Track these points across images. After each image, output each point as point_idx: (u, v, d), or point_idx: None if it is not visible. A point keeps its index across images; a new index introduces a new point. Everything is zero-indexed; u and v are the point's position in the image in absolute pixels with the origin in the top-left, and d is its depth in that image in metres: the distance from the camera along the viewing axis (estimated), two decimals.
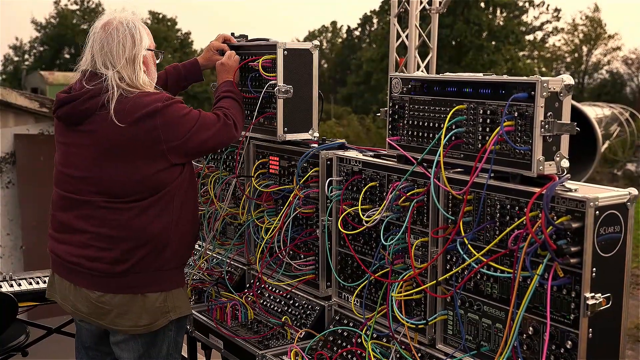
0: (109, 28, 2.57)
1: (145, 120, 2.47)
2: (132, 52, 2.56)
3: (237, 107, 2.87)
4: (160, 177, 2.54)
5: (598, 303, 1.87)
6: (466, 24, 31.16)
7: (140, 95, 2.51)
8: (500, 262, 2.08)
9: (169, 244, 2.58)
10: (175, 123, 2.52)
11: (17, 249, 7.87)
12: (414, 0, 8.28)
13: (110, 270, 2.52)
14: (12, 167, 7.86)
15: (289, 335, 2.80)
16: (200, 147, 2.63)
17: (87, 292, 2.57)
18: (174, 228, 2.59)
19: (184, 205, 2.64)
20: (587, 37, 40.52)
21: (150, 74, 2.68)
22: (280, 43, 2.92)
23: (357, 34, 43.20)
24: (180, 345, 2.77)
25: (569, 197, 1.90)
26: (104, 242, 2.53)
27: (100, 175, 2.52)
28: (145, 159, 2.50)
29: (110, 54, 2.54)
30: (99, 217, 2.53)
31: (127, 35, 2.57)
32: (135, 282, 2.54)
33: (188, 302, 2.73)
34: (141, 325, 2.57)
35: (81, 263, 2.56)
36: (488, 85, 2.13)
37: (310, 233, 2.90)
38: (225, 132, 2.70)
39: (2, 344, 3.60)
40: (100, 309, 2.57)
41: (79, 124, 2.55)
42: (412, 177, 2.38)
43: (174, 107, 2.54)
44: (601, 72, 40.94)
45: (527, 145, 2.01)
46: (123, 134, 2.46)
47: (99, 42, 2.56)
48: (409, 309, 2.44)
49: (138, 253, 2.52)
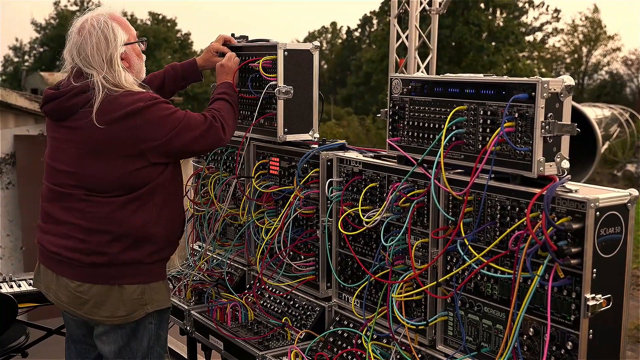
0: (82, 32, 2.59)
1: (126, 120, 2.50)
2: (107, 54, 2.58)
3: (229, 109, 2.84)
4: (140, 175, 2.57)
5: (599, 304, 1.87)
6: (466, 24, 31.17)
7: (123, 94, 2.54)
8: (501, 263, 2.08)
9: (148, 239, 2.62)
10: (157, 123, 2.53)
11: (17, 250, 7.88)
12: (414, 1, 8.28)
13: (89, 261, 2.58)
14: (12, 168, 7.86)
15: (289, 336, 2.79)
16: (182, 149, 2.62)
17: (67, 281, 2.63)
18: (154, 224, 2.62)
19: (166, 202, 2.66)
20: (586, 38, 40.54)
21: (133, 68, 2.69)
22: (280, 44, 2.92)
23: (357, 35, 43.22)
24: (162, 339, 2.79)
25: (569, 198, 1.89)
26: (84, 234, 2.58)
27: (83, 171, 2.58)
28: (125, 158, 2.53)
29: (88, 59, 2.57)
30: (79, 210, 2.59)
31: (100, 36, 2.58)
32: (112, 274, 2.59)
33: (167, 295, 2.75)
34: (118, 316, 2.61)
35: (62, 253, 2.62)
36: (488, 86, 2.13)
37: (311, 234, 2.90)
38: (211, 134, 2.67)
39: (2, 344, 3.60)
40: (78, 299, 2.62)
41: (65, 120, 2.60)
42: (413, 178, 2.38)
43: (157, 107, 2.55)
44: (601, 73, 40.97)
45: (528, 146, 2.01)
46: (104, 133, 2.50)
47: (75, 47, 2.60)
48: (409, 310, 2.44)
49: (116, 246, 2.57)
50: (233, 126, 2.84)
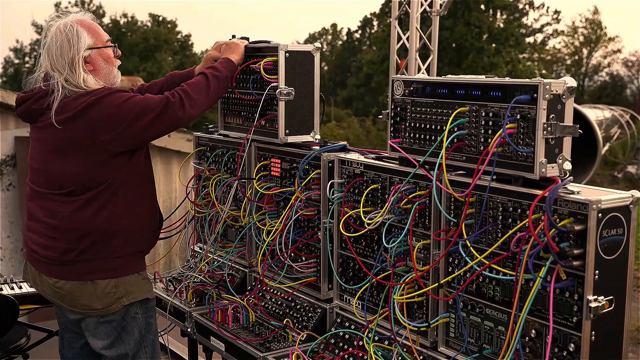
0: (51, 35, 2.67)
1: (83, 114, 2.57)
2: (69, 56, 2.63)
3: (202, 83, 2.78)
4: (104, 167, 2.62)
5: (601, 306, 1.87)
6: (466, 26, 31.16)
7: (82, 93, 2.62)
8: (503, 264, 2.08)
9: (116, 234, 2.68)
10: (112, 113, 2.57)
11: (18, 252, 7.87)
12: (414, 2, 8.28)
13: (60, 259, 2.67)
14: (12, 170, 7.86)
15: (291, 338, 2.79)
16: (140, 134, 2.62)
17: (46, 278, 2.74)
18: (121, 219, 2.68)
19: (133, 197, 2.71)
20: (587, 39, 40.54)
21: (99, 72, 2.70)
22: (282, 45, 2.92)
23: (357, 37, 43.22)
24: (153, 327, 2.85)
25: (571, 200, 1.89)
26: (53, 232, 2.68)
27: (51, 168, 2.67)
28: (87, 151, 2.60)
29: (53, 60, 2.65)
30: (48, 209, 2.70)
31: (64, 39, 2.65)
32: (83, 270, 2.67)
33: (143, 287, 2.78)
34: (95, 308, 2.69)
35: (38, 251, 2.73)
36: (490, 87, 2.12)
37: (312, 235, 2.90)
38: (167, 113, 2.61)
39: (3, 346, 3.60)
40: (58, 294, 2.73)
41: (35, 122, 2.71)
42: (414, 180, 2.38)
43: (111, 96, 2.59)
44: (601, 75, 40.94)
45: (530, 147, 2.00)
46: (65, 132, 2.59)
47: (45, 49, 2.68)
48: (411, 311, 2.44)
49: (83, 242, 2.65)
50: (201, 101, 2.74)
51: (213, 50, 3.11)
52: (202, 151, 3.55)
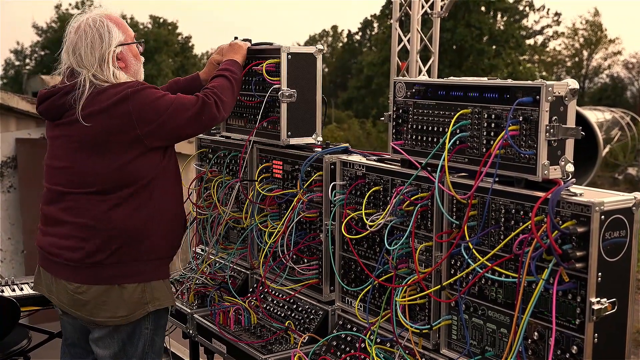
0: (79, 31, 2.62)
1: (116, 107, 2.51)
2: (101, 52, 2.59)
3: (226, 85, 2.80)
4: (138, 164, 2.57)
5: (604, 308, 1.87)
6: (467, 28, 31.18)
7: (111, 86, 2.57)
8: (505, 266, 2.08)
9: (148, 237, 2.62)
10: (149, 106, 2.54)
11: (19, 253, 7.87)
12: (415, 4, 8.28)
13: (88, 261, 2.58)
14: (13, 172, 7.86)
15: (292, 340, 2.79)
16: (178, 130, 2.62)
17: (65, 283, 2.63)
18: (153, 221, 2.62)
19: (165, 198, 2.67)
20: (587, 41, 40.55)
21: (129, 69, 2.70)
22: (284, 47, 2.92)
23: (358, 38, 43.25)
24: (158, 346, 2.78)
25: (574, 202, 1.89)
26: (83, 233, 2.58)
27: (79, 166, 2.59)
28: (121, 147, 2.54)
29: (81, 58, 2.60)
30: (78, 208, 2.60)
31: (95, 35, 2.60)
32: (111, 273, 2.59)
33: (169, 294, 2.74)
34: (119, 316, 2.61)
35: (62, 254, 2.62)
36: (493, 89, 2.12)
37: (314, 237, 2.90)
38: (205, 113, 2.64)
39: (4, 348, 3.59)
40: (78, 301, 2.62)
41: (59, 118, 2.63)
42: (416, 182, 2.38)
43: (146, 91, 2.56)
44: (602, 77, 40.96)
45: (532, 149, 2.00)
46: (95, 126, 2.53)
47: (71, 46, 2.62)
48: (413, 313, 2.44)
49: (115, 244, 2.57)
50: (230, 102, 2.80)
51: (216, 54, 3.11)
52: (204, 153, 3.55)
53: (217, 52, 3.12)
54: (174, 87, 3.10)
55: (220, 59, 3.06)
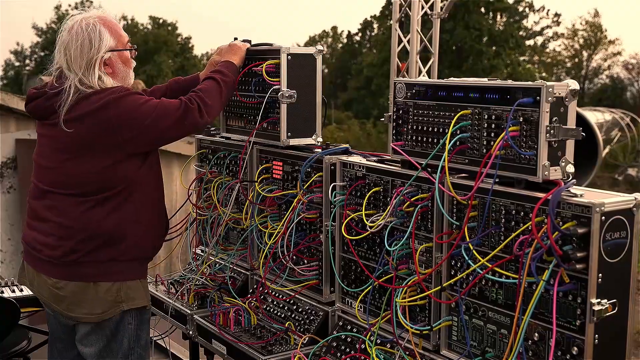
0: (71, 32, 2.62)
1: (99, 112, 2.54)
2: (89, 56, 2.60)
3: (213, 88, 2.78)
4: (118, 169, 2.60)
5: (604, 309, 1.87)
6: (466, 29, 31.20)
7: (94, 92, 2.57)
8: (506, 267, 2.07)
9: (124, 238, 2.65)
10: (131, 113, 2.55)
11: (18, 254, 7.87)
12: (415, 5, 8.28)
13: (65, 259, 2.63)
14: (13, 172, 7.87)
15: (293, 341, 2.79)
16: (160, 136, 2.64)
17: (45, 278, 2.69)
18: (130, 223, 2.66)
19: (144, 202, 2.70)
20: (587, 42, 40.57)
21: (116, 75, 2.69)
22: (284, 48, 2.92)
23: (358, 39, 43.26)
24: (143, 340, 2.79)
25: (574, 203, 1.89)
26: (62, 232, 2.64)
27: (61, 167, 2.63)
28: (102, 152, 2.57)
29: (71, 59, 2.61)
30: (59, 208, 2.65)
31: (85, 39, 2.60)
32: (87, 271, 2.64)
33: (145, 294, 2.77)
34: (95, 313, 2.65)
35: (43, 250, 2.68)
36: (493, 90, 2.12)
37: (314, 238, 2.89)
38: (187, 117, 2.63)
39: (4, 349, 3.59)
40: (57, 295, 2.68)
41: (46, 119, 2.66)
42: (417, 182, 2.37)
43: (129, 97, 2.57)
44: (601, 77, 40.98)
45: (533, 150, 2.00)
46: (79, 131, 2.55)
47: (63, 45, 2.64)
48: (413, 314, 2.44)
49: (90, 244, 2.62)
50: (216, 106, 2.77)
51: (216, 55, 3.10)
52: (203, 154, 3.55)
53: (217, 52, 3.12)
54: (174, 86, 3.10)
55: (220, 60, 3.06)
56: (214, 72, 2.89)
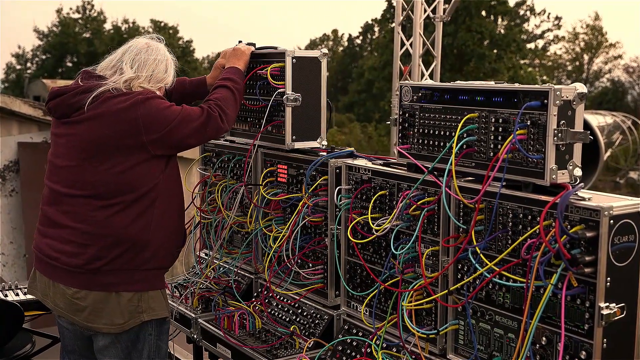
0: (151, 45, 2.76)
1: (125, 112, 2.55)
2: (155, 75, 2.72)
3: (229, 96, 2.84)
4: (140, 171, 2.58)
5: (613, 313, 1.86)
6: (468, 32, 31.18)
7: (121, 93, 2.60)
8: (513, 271, 2.07)
9: (148, 246, 2.62)
10: (156, 115, 2.57)
11: (21, 258, 7.86)
12: (417, 8, 8.28)
13: (86, 267, 2.57)
14: (15, 175, 7.85)
15: (298, 345, 2.78)
16: (183, 141, 2.66)
17: (64, 288, 2.63)
18: (154, 230, 2.62)
19: (167, 208, 2.68)
20: (588, 45, 40.58)
21: None
22: (289, 51, 2.92)
23: (359, 42, 43.27)
24: (163, 351, 2.78)
25: (582, 206, 1.88)
26: (83, 238, 2.58)
27: (81, 166, 2.60)
28: (125, 152, 2.56)
29: (142, 64, 2.70)
30: (79, 213, 2.60)
31: (164, 63, 2.76)
32: (109, 280, 2.59)
33: (165, 305, 2.74)
34: (116, 323, 2.60)
35: (60, 258, 2.61)
36: (500, 93, 2.12)
37: (319, 242, 2.89)
38: (210, 125, 2.70)
39: (8, 353, 3.58)
40: (75, 305, 2.62)
41: (67, 117, 2.64)
42: (423, 186, 2.37)
43: (155, 100, 2.60)
44: (602, 81, 40.97)
45: (540, 153, 2.00)
46: (103, 129, 2.55)
47: (135, 49, 2.73)
48: (420, 318, 2.43)
49: (114, 251, 2.57)
50: (232, 114, 2.84)
51: (221, 58, 3.13)
52: (208, 157, 3.54)
53: (222, 55, 3.14)
54: (179, 87, 3.10)
55: (224, 63, 3.08)
56: (226, 79, 2.90)
